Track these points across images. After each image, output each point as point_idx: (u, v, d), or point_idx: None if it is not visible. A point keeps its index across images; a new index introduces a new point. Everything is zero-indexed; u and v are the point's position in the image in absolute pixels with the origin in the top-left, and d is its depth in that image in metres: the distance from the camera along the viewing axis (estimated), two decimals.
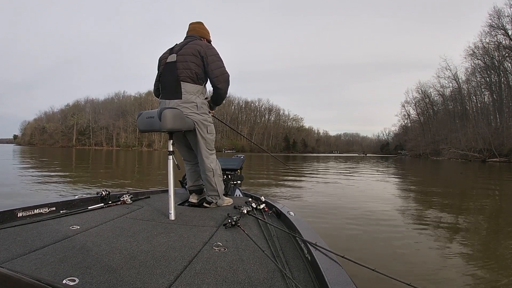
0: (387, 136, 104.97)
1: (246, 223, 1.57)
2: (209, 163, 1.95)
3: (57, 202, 1.72)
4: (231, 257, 1.12)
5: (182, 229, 1.46)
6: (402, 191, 7.46)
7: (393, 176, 11.92)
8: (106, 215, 1.68)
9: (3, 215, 1.42)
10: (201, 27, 2.07)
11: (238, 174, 2.72)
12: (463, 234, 3.31)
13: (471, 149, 40.70)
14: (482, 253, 2.67)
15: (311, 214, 4.05)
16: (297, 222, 1.45)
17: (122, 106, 78.21)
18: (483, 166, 23.73)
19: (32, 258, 1.02)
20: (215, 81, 1.88)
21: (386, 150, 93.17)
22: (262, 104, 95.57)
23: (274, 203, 1.93)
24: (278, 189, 6.82)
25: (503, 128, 38.29)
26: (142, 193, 2.32)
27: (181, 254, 1.13)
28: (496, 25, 38.99)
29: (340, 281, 0.82)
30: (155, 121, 1.67)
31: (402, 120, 74.21)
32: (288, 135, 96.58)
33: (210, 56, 1.87)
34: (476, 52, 43.55)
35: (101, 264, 1.00)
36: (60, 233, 1.31)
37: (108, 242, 1.23)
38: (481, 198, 6.23)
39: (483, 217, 4.26)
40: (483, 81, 45.10)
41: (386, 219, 3.85)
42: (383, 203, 5.24)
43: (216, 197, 2.02)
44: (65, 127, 79.92)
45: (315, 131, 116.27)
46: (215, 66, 1.87)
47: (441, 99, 58.39)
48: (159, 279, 0.91)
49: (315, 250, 1.05)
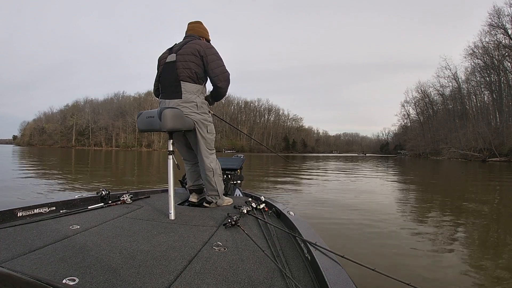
0: (386, 136, 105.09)
1: (246, 223, 1.57)
2: (209, 162, 1.95)
3: (57, 202, 1.73)
4: (231, 257, 1.12)
5: (182, 229, 1.46)
6: (403, 191, 7.46)
7: (393, 176, 11.92)
8: (106, 214, 1.68)
9: (3, 215, 1.42)
10: (200, 26, 2.07)
11: (238, 174, 2.73)
12: (463, 234, 3.31)
13: (471, 148, 40.67)
14: (482, 253, 2.67)
15: (311, 214, 4.05)
16: (297, 222, 1.45)
17: (122, 106, 78.09)
18: (483, 165, 23.73)
19: (32, 258, 1.02)
20: (216, 80, 1.88)
21: (386, 150, 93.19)
22: (262, 104, 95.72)
23: (274, 203, 1.93)
24: (278, 189, 6.83)
25: (503, 128, 38.26)
26: (142, 192, 2.32)
27: (181, 253, 1.13)
28: (496, 24, 38.96)
29: (340, 281, 0.82)
30: (155, 120, 1.67)
31: (402, 120, 74.30)
32: (288, 135, 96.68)
33: (210, 55, 1.87)
34: (476, 51, 43.53)
35: (101, 264, 1.00)
36: (60, 233, 1.31)
37: (108, 241, 1.23)
38: (482, 198, 6.23)
39: (483, 217, 4.26)
40: (483, 81, 45.05)
41: (386, 219, 3.85)
42: (383, 203, 5.25)
43: (216, 196, 2.02)
44: (64, 128, 79.85)
45: (315, 131, 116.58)
46: (215, 65, 1.87)
47: (440, 99, 58.40)
48: (159, 278, 0.91)
49: (315, 250, 1.05)
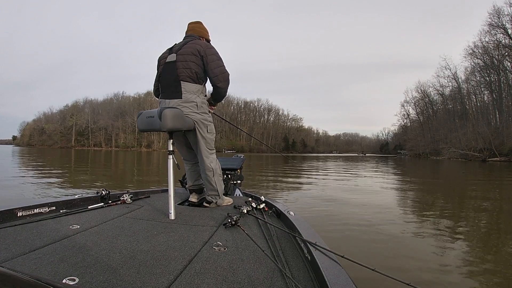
0: (386, 136, 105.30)
1: (246, 223, 1.57)
2: (209, 162, 1.95)
3: (57, 202, 1.73)
4: (231, 257, 1.11)
5: (182, 229, 1.46)
6: (403, 191, 7.46)
7: (393, 176, 11.92)
8: (106, 214, 1.68)
9: (3, 215, 1.42)
10: (200, 26, 2.07)
11: (238, 174, 2.73)
12: (464, 234, 3.31)
13: (471, 148, 40.66)
14: (482, 253, 2.67)
15: (311, 214, 4.05)
16: (297, 222, 1.45)
17: (121, 106, 78.09)
18: (483, 165, 23.73)
19: (32, 258, 1.02)
20: (215, 80, 1.88)
21: (386, 150, 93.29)
22: (262, 104, 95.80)
23: (274, 202, 1.93)
24: (278, 188, 6.83)
25: (503, 127, 38.24)
26: (142, 192, 2.32)
27: (181, 253, 1.13)
28: (495, 24, 38.99)
29: (340, 281, 0.82)
30: (155, 120, 1.67)
31: (402, 120, 74.36)
32: (288, 135, 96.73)
33: (210, 55, 1.87)
34: (475, 51, 43.56)
35: (101, 264, 1.00)
36: (60, 233, 1.31)
37: (108, 241, 1.23)
38: (482, 198, 6.23)
39: (484, 217, 4.26)
40: (483, 80, 45.06)
41: (387, 219, 3.85)
42: (383, 202, 5.24)
43: (216, 196, 2.02)
44: (64, 128, 79.79)
45: (315, 131, 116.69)
46: (215, 65, 1.87)
47: (440, 99, 58.41)
48: (159, 278, 0.91)
49: (315, 250, 1.05)
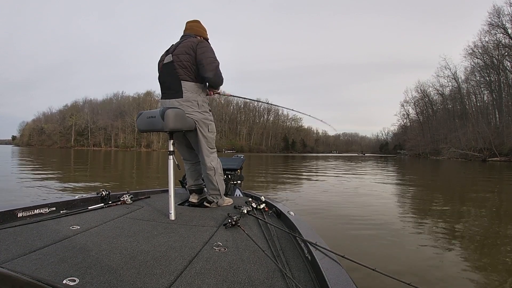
0: (386, 135, 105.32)
1: (246, 223, 1.57)
2: (210, 161, 1.95)
3: (57, 202, 1.72)
4: (231, 257, 1.12)
5: (182, 229, 1.46)
6: (403, 190, 7.46)
7: (393, 176, 11.93)
8: (106, 215, 1.68)
9: (3, 215, 1.42)
10: (197, 25, 2.05)
11: (238, 174, 2.73)
12: (464, 234, 3.30)
13: (471, 148, 40.67)
14: (482, 253, 2.67)
15: (311, 214, 4.05)
16: (297, 222, 1.45)
17: (121, 106, 77.96)
18: (483, 165, 23.74)
19: (32, 258, 1.02)
20: (203, 71, 1.85)
21: (385, 149, 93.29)
22: (261, 104, 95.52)
23: (274, 203, 1.93)
24: (278, 188, 6.83)
25: (503, 127, 38.24)
26: (142, 193, 2.32)
27: (181, 254, 1.13)
28: (495, 24, 38.97)
29: (340, 281, 0.82)
30: (157, 121, 1.67)
31: (401, 120, 74.32)
32: (287, 135, 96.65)
33: (200, 48, 1.86)
34: (475, 51, 43.52)
35: (101, 264, 1.00)
36: (60, 233, 1.31)
37: (108, 242, 1.23)
38: (482, 198, 6.23)
39: (484, 217, 4.27)
40: (483, 80, 45.04)
41: (387, 219, 3.85)
42: (383, 202, 5.25)
43: (218, 196, 2.02)
44: (64, 128, 79.64)
45: (314, 131, 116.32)
46: (204, 56, 1.85)
47: (440, 99, 58.36)
48: (159, 279, 0.91)
49: (315, 250, 1.05)
